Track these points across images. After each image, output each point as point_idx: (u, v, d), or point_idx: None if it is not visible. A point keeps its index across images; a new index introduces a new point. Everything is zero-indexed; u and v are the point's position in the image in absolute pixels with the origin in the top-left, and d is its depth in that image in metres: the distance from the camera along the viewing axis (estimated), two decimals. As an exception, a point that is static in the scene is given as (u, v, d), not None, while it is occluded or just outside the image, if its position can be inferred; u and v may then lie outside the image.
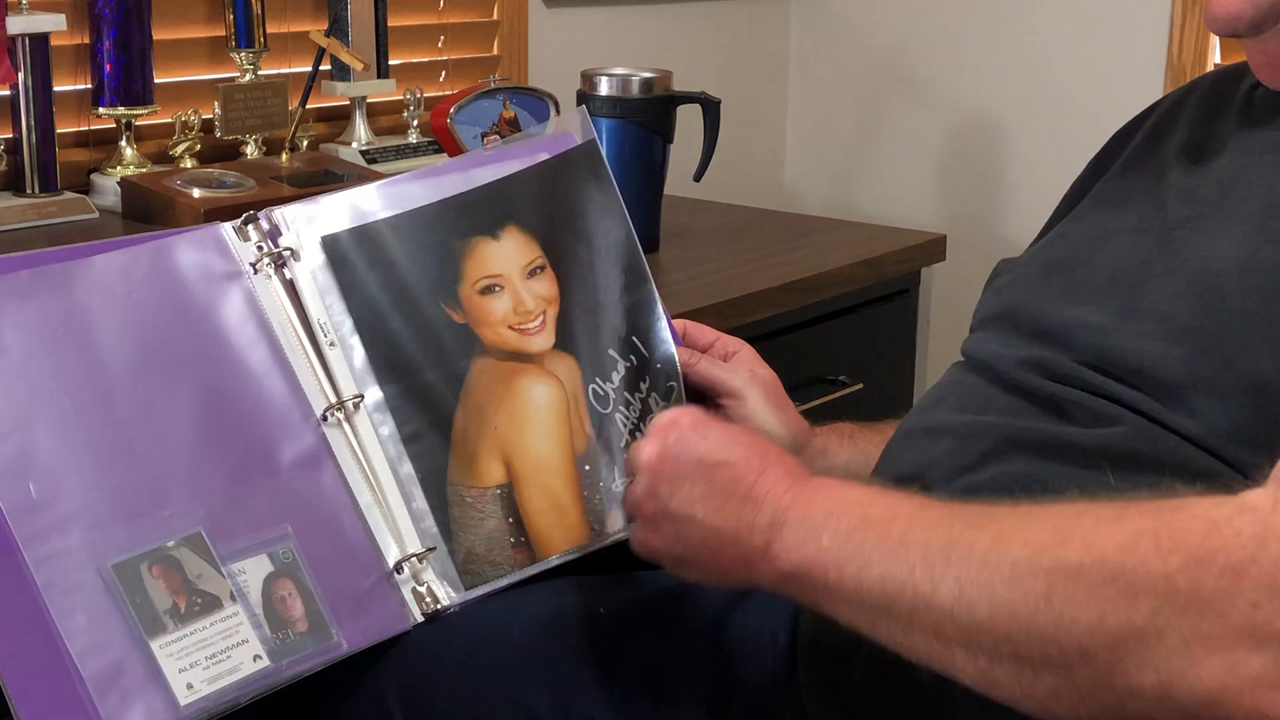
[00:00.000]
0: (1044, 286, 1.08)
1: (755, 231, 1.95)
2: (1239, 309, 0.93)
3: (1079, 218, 1.14)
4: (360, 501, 1.04)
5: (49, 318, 0.98)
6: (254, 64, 1.97)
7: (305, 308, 1.07)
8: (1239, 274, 0.94)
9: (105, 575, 0.93)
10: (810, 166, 2.85)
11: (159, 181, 1.79)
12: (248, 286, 1.06)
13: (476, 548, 1.07)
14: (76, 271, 1.01)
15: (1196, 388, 0.93)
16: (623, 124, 1.76)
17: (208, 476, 0.99)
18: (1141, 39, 2.41)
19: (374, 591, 1.02)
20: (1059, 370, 1.00)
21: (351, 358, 1.07)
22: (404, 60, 2.22)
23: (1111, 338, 0.99)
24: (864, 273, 1.81)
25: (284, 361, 1.05)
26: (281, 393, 1.04)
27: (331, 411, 1.05)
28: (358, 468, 1.05)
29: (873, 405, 1.77)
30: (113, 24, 1.84)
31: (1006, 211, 2.60)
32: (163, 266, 1.05)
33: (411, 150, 2.13)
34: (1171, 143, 1.11)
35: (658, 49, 2.52)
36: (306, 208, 1.10)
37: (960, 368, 1.11)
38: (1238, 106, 1.09)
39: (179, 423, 1.00)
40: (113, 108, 1.87)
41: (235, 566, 0.98)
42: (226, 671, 0.95)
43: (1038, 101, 2.55)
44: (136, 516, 0.96)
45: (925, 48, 2.67)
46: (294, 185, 1.83)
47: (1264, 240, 0.95)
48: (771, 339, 1.70)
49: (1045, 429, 0.98)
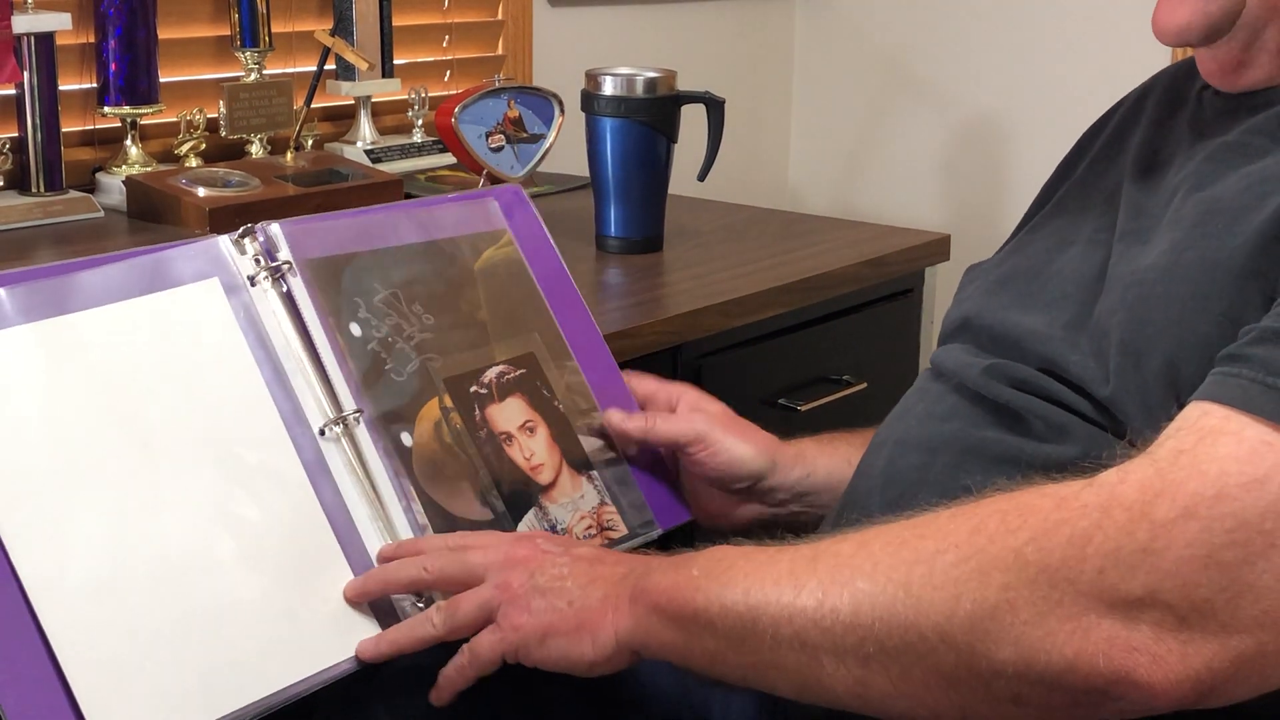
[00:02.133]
0: (1000, 296, 1.09)
1: (759, 231, 1.95)
2: (1162, 319, 0.93)
3: (1040, 226, 1.15)
4: (357, 516, 1.03)
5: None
6: (259, 63, 1.97)
7: (304, 322, 1.07)
8: (1163, 283, 0.94)
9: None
10: (814, 166, 2.85)
11: (164, 180, 1.79)
12: (245, 300, 1.06)
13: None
14: (71, 286, 1.00)
15: (1130, 402, 0.93)
16: (627, 123, 1.77)
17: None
18: (1145, 39, 2.40)
19: (378, 607, 1.00)
20: (1017, 375, 1.01)
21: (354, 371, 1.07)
22: (409, 60, 2.22)
23: (1058, 348, 1.00)
24: (868, 272, 1.81)
25: (283, 376, 1.05)
26: (282, 407, 1.04)
27: (329, 426, 1.05)
28: (355, 484, 1.04)
29: (876, 405, 1.77)
30: (118, 23, 1.84)
31: (1010, 211, 2.60)
32: (161, 280, 1.04)
33: (416, 150, 2.13)
34: (1131, 146, 1.11)
35: (662, 48, 2.52)
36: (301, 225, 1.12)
37: (929, 376, 1.12)
38: (1190, 108, 1.08)
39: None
40: (118, 107, 1.87)
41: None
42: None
43: (1042, 101, 2.55)
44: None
45: (930, 47, 2.67)
46: (299, 184, 1.83)
47: (1187, 246, 0.95)
48: (775, 338, 1.70)
49: (1004, 440, 0.99)
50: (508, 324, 1.19)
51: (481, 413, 1.13)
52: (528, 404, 1.16)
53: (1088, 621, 0.78)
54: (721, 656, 0.89)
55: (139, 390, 0.99)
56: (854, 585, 0.83)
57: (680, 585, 0.90)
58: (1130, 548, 0.78)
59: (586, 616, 0.94)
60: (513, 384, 1.16)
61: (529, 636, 0.94)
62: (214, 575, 0.96)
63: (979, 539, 0.81)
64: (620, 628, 0.92)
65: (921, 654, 0.81)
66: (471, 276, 1.19)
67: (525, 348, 1.19)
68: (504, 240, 1.23)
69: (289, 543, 1.00)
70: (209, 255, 1.07)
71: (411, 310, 1.13)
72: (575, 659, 0.94)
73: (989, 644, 0.79)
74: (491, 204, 1.25)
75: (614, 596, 0.93)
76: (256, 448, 1.02)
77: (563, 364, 1.20)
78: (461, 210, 1.22)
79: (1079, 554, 0.79)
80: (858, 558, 0.85)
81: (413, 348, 1.11)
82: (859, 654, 0.83)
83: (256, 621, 0.96)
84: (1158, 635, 0.77)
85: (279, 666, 0.95)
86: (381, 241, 1.15)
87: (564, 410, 1.18)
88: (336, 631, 0.98)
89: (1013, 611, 0.79)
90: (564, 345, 1.21)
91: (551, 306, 1.22)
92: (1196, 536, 0.77)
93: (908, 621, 0.81)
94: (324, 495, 1.02)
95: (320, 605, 0.99)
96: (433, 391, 1.11)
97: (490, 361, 1.16)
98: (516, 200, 1.27)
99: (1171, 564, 0.77)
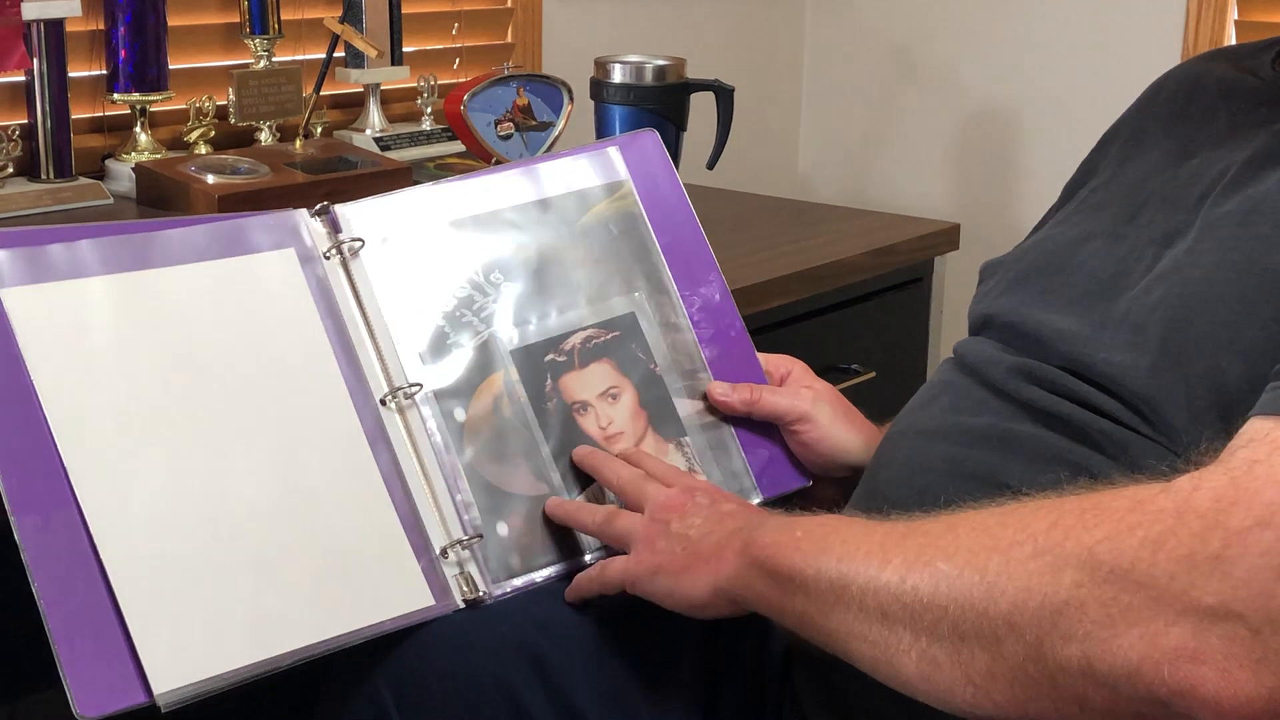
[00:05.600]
0: (1024, 292, 1.09)
1: (768, 220, 1.94)
2: (1207, 321, 0.92)
3: (1064, 220, 1.14)
4: (413, 485, 1.06)
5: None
6: (268, 50, 1.97)
7: (370, 296, 1.09)
8: (1207, 283, 0.94)
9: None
10: (824, 155, 2.85)
11: (173, 168, 1.79)
12: (319, 272, 1.09)
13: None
14: (154, 243, 1.05)
15: (1166, 400, 0.93)
16: (636, 111, 1.76)
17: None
18: (1156, 28, 2.41)
19: (428, 571, 1.03)
20: (1044, 377, 1.01)
21: (412, 347, 1.09)
22: (418, 47, 2.22)
23: (1085, 346, 0.99)
24: (877, 261, 1.80)
25: (350, 347, 1.08)
26: (347, 375, 1.07)
27: (390, 397, 1.07)
28: (410, 453, 1.06)
29: (885, 394, 1.77)
30: (128, 10, 1.84)
31: (1019, 201, 2.60)
32: (239, 246, 1.08)
33: (425, 137, 2.13)
34: (1155, 139, 1.11)
35: (671, 36, 2.52)
36: (377, 205, 1.13)
37: (953, 367, 1.11)
38: (1217, 100, 1.08)
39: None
40: (127, 94, 1.87)
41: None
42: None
43: (1051, 91, 2.54)
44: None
45: (939, 35, 2.67)
46: (308, 172, 1.83)
47: (1232, 246, 0.94)
48: (785, 327, 1.70)
49: (1041, 437, 0.99)
50: (607, 283, 1.17)
51: (554, 382, 1.13)
52: (615, 369, 1.15)
53: (1155, 628, 0.76)
54: (810, 619, 0.90)
55: (210, 345, 1.03)
56: (935, 565, 0.83)
57: (783, 544, 0.93)
58: (1203, 554, 0.76)
59: (694, 561, 0.99)
60: (600, 348, 1.15)
61: (644, 572, 1.01)
62: (269, 524, 0.99)
63: (1056, 534, 0.80)
64: (721, 575, 0.96)
65: (990, 642, 0.80)
66: (571, 236, 1.17)
67: (625, 308, 1.17)
68: (621, 192, 1.21)
69: (344, 502, 1.02)
70: (287, 227, 1.10)
71: (489, 281, 1.13)
72: (679, 598, 0.99)
73: (1055, 639, 0.78)
74: (613, 153, 1.22)
75: (725, 545, 0.97)
76: (319, 409, 1.05)
77: (670, 322, 1.18)
78: (576, 163, 1.21)
79: (1150, 557, 0.77)
80: (944, 539, 0.85)
81: (482, 320, 1.12)
82: (934, 634, 0.83)
83: (307, 572, 0.99)
84: (1228, 649, 0.74)
85: (326, 618, 0.98)
86: (469, 211, 1.15)
87: (660, 372, 1.17)
88: (383, 590, 1.01)
89: (1081, 609, 0.78)
90: (674, 302, 1.19)
91: (669, 260, 1.20)
92: (1271, 546, 0.75)
93: (980, 608, 0.81)
94: (382, 461, 1.05)
95: (372, 564, 1.02)
96: (497, 364, 1.11)
97: (577, 326, 1.15)
98: (648, 147, 1.24)
99: (1245, 573, 0.75)
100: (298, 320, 1.07)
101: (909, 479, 1.03)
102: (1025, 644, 0.79)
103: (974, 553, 0.83)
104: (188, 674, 0.92)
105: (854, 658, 0.88)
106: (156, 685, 0.91)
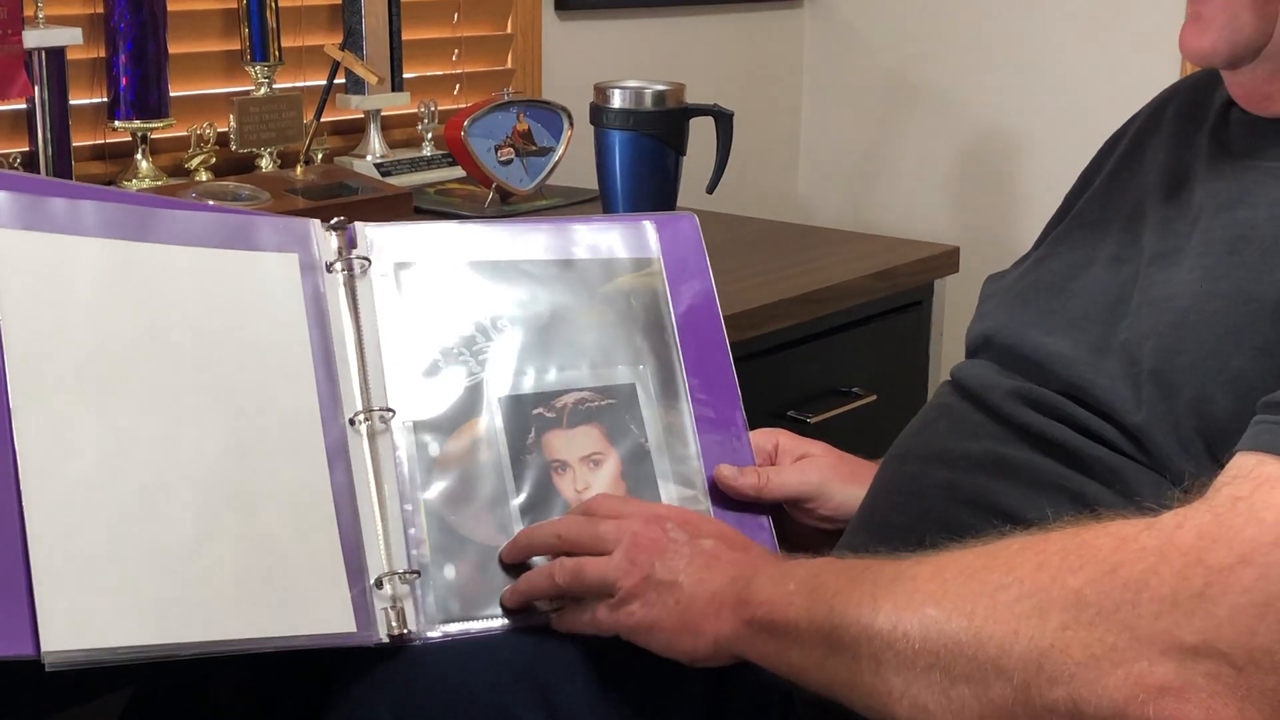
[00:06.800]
0: (1022, 313, 1.09)
1: (768, 243, 1.95)
2: (1194, 350, 0.92)
3: (1062, 239, 1.14)
4: (361, 510, 1.03)
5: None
6: (269, 77, 1.97)
7: (365, 317, 1.09)
8: (1195, 311, 0.94)
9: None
10: (823, 178, 2.85)
11: (174, 194, 1.79)
12: (317, 282, 1.09)
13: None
14: (157, 218, 1.04)
15: (1156, 429, 0.93)
16: (635, 136, 1.77)
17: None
18: (1155, 51, 2.41)
19: (357, 598, 1.01)
20: (1042, 401, 1.00)
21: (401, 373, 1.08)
22: (418, 73, 2.23)
23: (1085, 372, 0.99)
24: (877, 284, 1.80)
25: (331, 361, 1.07)
26: (321, 387, 1.06)
27: (360, 417, 1.06)
28: (369, 478, 1.05)
29: (886, 417, 1.76)
30: (129, 37, 1.85)
31: (1019, 223, 2.60)
32: (244, 240, 1.07)
33: (425, 163, 2.14)
34: (1151, 159, 1.10)
35: (671, 61, 2.53)
36: (395, 232, 1.13)
37: (950, 390, 1.11)
38: (1212, 123, 1.07)
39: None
40: (128, 121, 1.88)
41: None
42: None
43: (1050, 113, 2.55)
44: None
45: (938, 59, 2.68)
46: (309, 198, 1.83)
47: (1220, 275, 0.94)
48: (784, 351, 1.70)
49: (1036, 462, 0.99)
50: (614, 351, 1.16)
51: (538, 436, 1.11)
52: (603, 435, 1.14)
53: (1140, 668, 0.76)
54: (807, 670, 0.91)
55: (187, 327, 1.02)
56: (924, 611, 0.84)
57: (776, 601, 0.93)
58: (1186, 593, 0.76)
59: (691, 617, 0.97)
60: (592, 412, 1.14)
61: (639, 626, 1.00)
62: (204, 512, 0.97)
63: (1042, 576, 0.80)
64: (720, 633, 0.96)
65: (979, 686, 0.80)
66: (589, 300, 1.17)
67: (627, 378, 1.16)
68: (649, 269, 1.20)
69: (286, 510, 1.01)
70: (296, 233, 1.10)
71: (495, 325, 1.13)
72: (679, 653, 0.99)
73: (1042, 682, 0.78)
74: (648, 227, 1.22)
75: (720, 602, 0.97)
76: (283, 414, 1.03)
77: (670, 404, 1.17)
78: (609, 231, 1.21)
79: (1134, 597, 0.77)
80: (931, 584, 0.85)
81: (479, 362, 1.11)
82: (925, 680, 0.83)
83: (231, 570, 0.97)
84: (1212, 686, 0.75)
85: (238, 620, 0.96)
86: (490, 254, 1.15)
87: (649, 449, 1.15)
88: (305, 606, 0.99)
89: (1066, 652, 0.78)
90: (678, 385, 1.18)
91: (682, 343, 1.19)
92: (1254, 583, 0.75)
93: (968, 653, 0.81)
94: (336, 479, 1.03)
95: (300, 578, 0.99)
96: (484, 408, 1.10)
97: (573, 386, 1.14)
98: (684, 229, 1.24)
99: (1228, 611, 0.75)
100: (283, 324, 1.06)
101: (906, 504, 1.03)
102: (1013, 687, 0.79)
103: (961, 596, 0.83)
104: (82, 639, 0.89)
105: (854, 705, 0.89)
106: (46, 642, 0.88)
